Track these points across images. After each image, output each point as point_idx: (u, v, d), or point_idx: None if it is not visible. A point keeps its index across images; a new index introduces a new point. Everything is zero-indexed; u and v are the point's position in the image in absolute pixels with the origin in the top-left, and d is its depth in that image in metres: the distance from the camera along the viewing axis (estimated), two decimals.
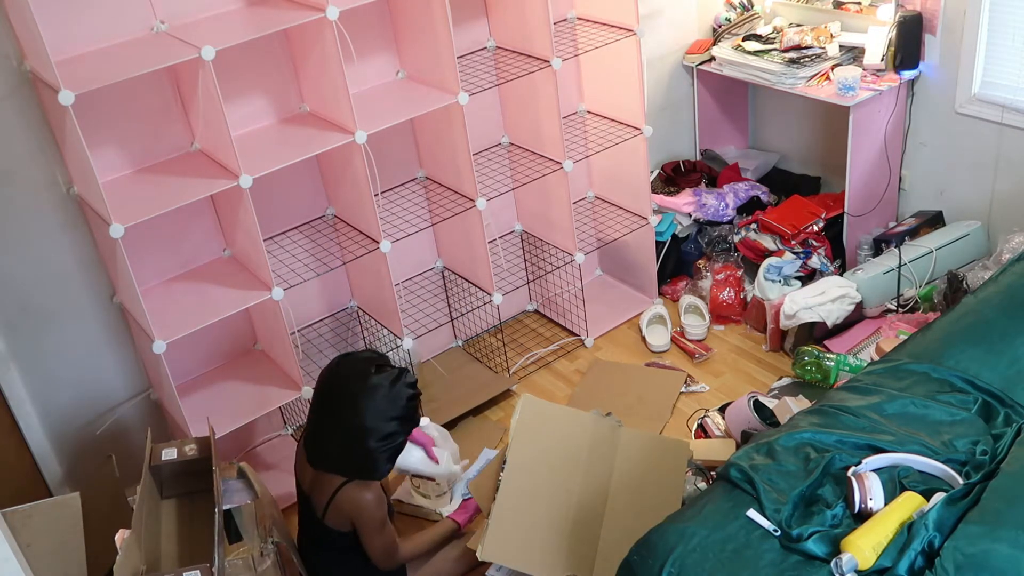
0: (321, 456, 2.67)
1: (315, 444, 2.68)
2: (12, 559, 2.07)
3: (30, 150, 2.89)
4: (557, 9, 3.71)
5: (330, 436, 2.64)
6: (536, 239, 4.02)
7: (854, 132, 3.74)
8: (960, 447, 2.42)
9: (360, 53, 3.26)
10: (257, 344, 3.56)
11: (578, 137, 3.94)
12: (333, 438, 2.63)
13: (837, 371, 3.42)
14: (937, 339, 2.81)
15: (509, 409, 3.71)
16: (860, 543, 2.11)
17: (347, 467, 2.65)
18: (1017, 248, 3.51)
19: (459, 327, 4.07)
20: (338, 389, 2.63)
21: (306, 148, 3.07)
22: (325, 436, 2.65)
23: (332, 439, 2.64)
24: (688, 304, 4.03)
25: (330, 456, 2.65)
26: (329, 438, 2.64)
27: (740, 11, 4.21)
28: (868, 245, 4.01)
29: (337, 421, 2.62)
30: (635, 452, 3.00)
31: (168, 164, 3.10)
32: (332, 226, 3.52)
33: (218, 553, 2.39)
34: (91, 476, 3.23)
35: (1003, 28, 3.53)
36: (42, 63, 2.62)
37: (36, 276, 3.02)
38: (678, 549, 2.21)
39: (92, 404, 3.27)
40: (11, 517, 2.40)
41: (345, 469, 2.65)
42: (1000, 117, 3.62)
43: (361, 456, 2.62)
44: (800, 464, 2.40)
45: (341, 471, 2.65)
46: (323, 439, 2.66)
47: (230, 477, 2.78)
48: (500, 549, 2.71)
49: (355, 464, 2.64)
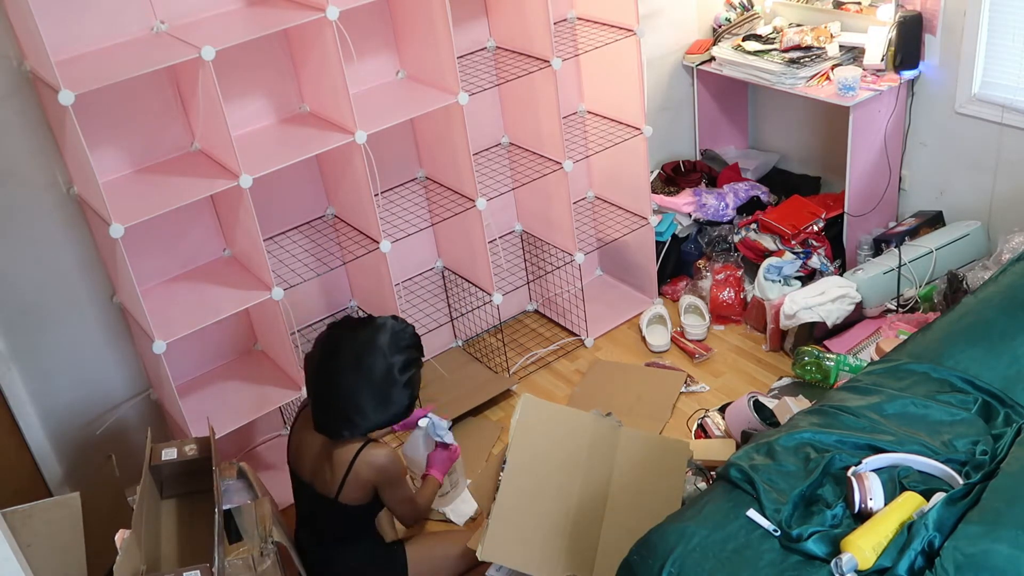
0: (349, 420, 2.63)
1: (339, 411, 2.64)
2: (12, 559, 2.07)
3: (30, 150, 2.89)
4: (557, 9, 3.71)
5: (356, 390, 2.62)
6: (536, 239, 4.02)
7: (854, 132, 3.74)
8: (960, 447, 2.42)
9: (360, 53, 3.26)
10: (257, 344, 3.56)
11: (578, 137, 3.94)
12: (361, 390, 2.62)
13: (837, 371, 3.42)
14: (937, 339, 2.81)
15: (509, 409, 3.72)
16: (860, 543, 2.11)
17: (381, 413, 2.64)
18: (1017, 248, 3.51)
19: (459, 327, 4.07)
20: (349, 343, 2.65)
21: (306, 148, 3.08)
22: (350, 394, 2.62)
23: (360, 391, 2.62)
24: (688, 304, 4.03)
25: (363, 411, 2.63)
26: (356, 392, 2.62)
27: (740, 11, 4.21)
28: (868, 245, 4.01)
29: (360, 371, 2.62)
30: (635, 452, 3.00)
31: (168, 164, 3.10)
32: (332, 226, 3.52)
33: (218, 553, 2.39)
34: (91, 476, 3.24)
35: (1003, 28, 3.53)
36: (42, 63, 2.62)
37: (36, 276, 3.02)
38: (678, 549, 2.22)
39: (92, 404, 3.27)
40: (11, 517, 2.40)
41: (380, 416, 2.65)
42: (1000, 117, 3.62)
43: (393, 395, 2.64)
44: (800, 464, 2.40)
45: (375, 421, 2.65)
46: (348, 398, 2.62)
47: (230, 477, 2.78)
48: (500, 549, 2.71)
49: (390, 406, 2.65)
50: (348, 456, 2.67)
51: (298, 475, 2.81)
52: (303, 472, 2.78)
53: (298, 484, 2.83)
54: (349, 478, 2.67)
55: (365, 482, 2.69)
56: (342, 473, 2.67)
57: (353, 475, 2.67)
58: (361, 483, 2.68)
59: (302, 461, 2.78)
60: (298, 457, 2.79)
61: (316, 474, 2.74)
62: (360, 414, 2.63)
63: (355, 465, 2.66)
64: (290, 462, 2.84)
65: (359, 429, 2.65)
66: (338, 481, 2.68)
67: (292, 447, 2.82)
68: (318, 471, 2.73)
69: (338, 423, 2.65)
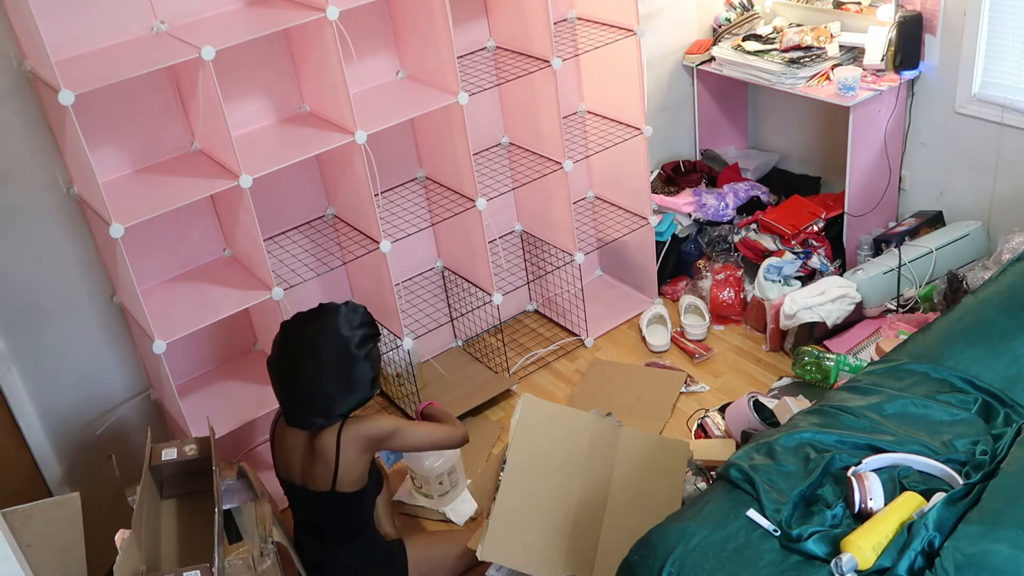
0: (318, 407, 2.64)
1: (306, 401, 2.65)
2: (12, 559, 2.07)
3: (30, 150, 2.89)
4: (557, 9, 3.71)
5: (319, 376, 2.63)
6: (536, 239, 4.02)
7: (854, 132, 3.74)
8: (960, 447, 2.42)
9: (360, 53, 3.26)
10: (257, 344, 3.56)
11: (578, 137, 3.94)
12: (323, 375, 2.63)
13: (837, 371, 3.42)
14: (937, 339, 2.81)
15: (509, 409, 3.71)
16: (860, 543, 2.11)
17: (348, 393, 2.66)
18: (1017, 248, 3.51)
19: (459, 327, 4.07)
20: (302, 334, 2.68)
21: (306, 148, 3.08)
22: (314, 381, 2.64)
23: (322, 376, 2.63)
24: (688, 304, 4.03)
25: (330, 395, 2.64)
26: (319, 378, 2.63)
27: (740, 11, 4.21)
28: (868, 245, 4.01)
29: (318, 356, 2.64)
30: (635, 452, 3.00)
31: (168, 164, 3.10)
32: (332, 226, 3.52)
33: (218, 553, 2.40)
34: (91, 476, 3.24)
35: (1003, 28, 3.53)
36: (42, 63, 2.62)
37: (36, 276, 3.02)
38: (678, 549, 2.22)
39: (92, 404, 3.27)
40: (11, 517, 2.40)
41: (348, 397, 2.66)
42: (1000, 117, 3.62)
43: (356, 372, 2.66)
44: (800, 464, 2.40)
45: (346, 403, 2.66)
46: (314, 386, 2.64)
47: (230, 477, 2.79)
48: (500, 549, 2.71)
49: (355, 384, 2.66)
50: (332, 441, 2.68)
51: (289, 481, 2.80)
52: (294, 476, 2.77)
53: (291, 490, 2.82)
54: (341, 460, 2.67)
55: (357, 459, 2.70)
56: (333, 458, 2.67)
57: (343, 455, 2.67)
58: (355, 460, 2.69)
59: (291, 466, 2.77)
60: (286, 463, 2.78)
61: (307, 473, 2.73)
62: (329, 399, 2.65)
63: (341, 445, 2.67)
64: (278, 472, 2.83)
65: (332, 414, 2.66)
66: (331, 469, 2.68)
67: (277, 457, 2.81)
68: (308, 469, 2.73)
69: (309, 413, 2.66)
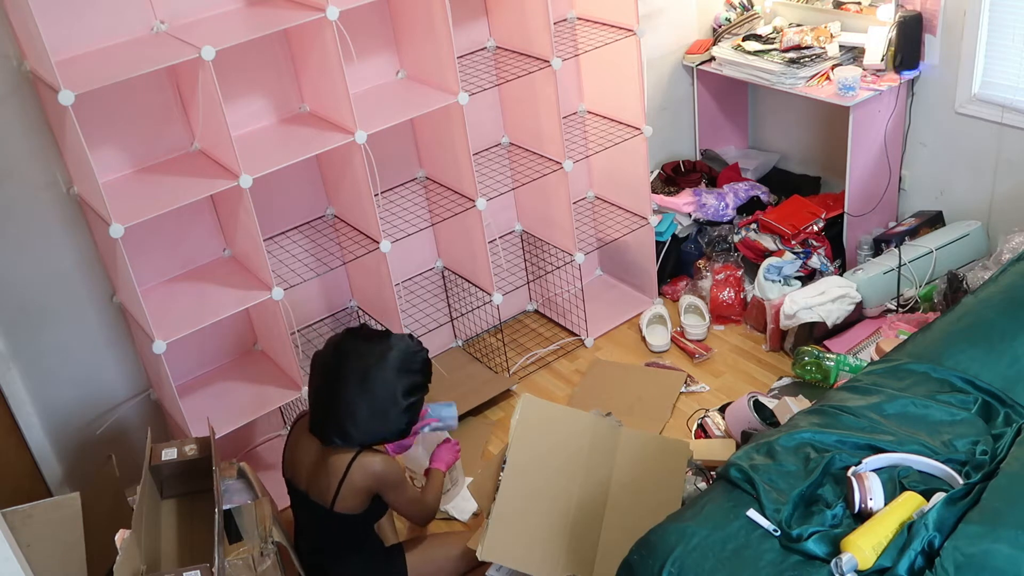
0: (343, 429, 2.63)
1: (335, 418, 2.64)
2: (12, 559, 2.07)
3: (30, 150, 2.89)
4: (557, 9, 3.71)
5: (356, 401, 2.61)
6: (536, 239, 4.02)
7: (854, 132, 3.74)
8: (960, 447, 2.42)
9: (360, 53, 3.26)
10: (257, 344, 3.56)
11: (578, 137, 3.94)
12: (361, 403, 2.61)
13: (837, 371, 3.42)
14: (937, 339, 2.81)
15: (509, 409, 3.72)
16: (860, 543, 2.11)
17: (375, 429, 2.64)
18: (1017, 248, 3.51)
19: (459, 327, 4.07)
20: (361, 352, 2.65)
21: (306, 148, 3.07)
22: (349, 403, 2.62)
23: (359, 404, 2.61)
24: (688, 304, 4.03)
25: (358, 424, 2.62)
26: (355, 404, 2.61)
27: (740, 11, 4.21)
28: (868, 245, 4.01)
29: (364, 383, 2.62)
30: (635, 452, 3.00)
31: (168, 164, 3.10)
32: (332, 226, 3.52)
33: (218, 553, 2.39)
34: (91, 476, 3.24)
35: (1003, 28, 3.53)
36: (42, 63, 2.62)
37: (36, 276, 3.02)
38: (678, 549, 2.22)
39: (92, 404, 3.27)
40: (11, 517, 2.40)
41: (374, 433, 2.65)
42: (1000, 117, 3.62)
43: (391, 415, 2.64)
44: (800, 464, 2.40)
45: (369, 437, 2.65)
46: (347, 407, 2.62)
47: (230, 477, 2.78)
48: (500, 549, 2.71)
49: (386, 424, 2.65)
50: (343, 463, 2.65)
51: (294, 484, 2.79)
52: (299, 481, 2.77)
53: (294, 493, 2.82)
54: (344, 485, 2.65)
55: (361, 489, 2.67)
56: (337, 480, 2.65)
57: (348, 482, 2.65)
58: (357, 491, 2.67)
59: (298, 469, 2.76)
60: (294, 465, 2.78)
61: (312, 482, 2.72)
62: (354, 426, 2.63)
63: (350, 472, 2.64)
64: (285, 472, 2.82)
65: (350, 440, 2.64)
66: (333, 489, 2.66)
67: (287, 455, 2.81)
68: (314, 478, 2.71)
69: (331, 429, 2.65)
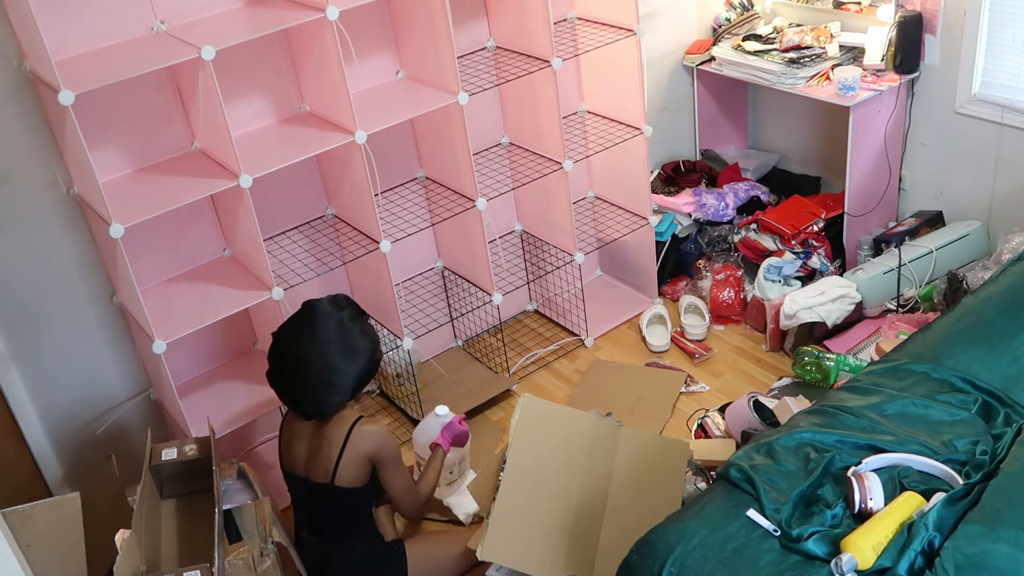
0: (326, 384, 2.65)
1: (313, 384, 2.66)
2: (12, 559, 2.07)
3: (30, 150, 2.89)
4: (557, 9, 3.71)
5: (321, 356, 2.65)
6: (536, 239, 4.02)
7: (854, 132, 3.74)
8: (960, 447, 2.42)
9: (360, 53, 3.26)
10: (257, 344, 3.56)
11: (578, 137, 3.94)
12: (324, 353, 2.65)
13: (837, 371, 3.42)
14: (937, 339, 2.81)
15: (509, 409, 3.71)
16: (860, 543, 2.11)
17: (352, 364, 2.67)
18: (1017, 248, 3.50)
19: (459, 327, 4.07)
20: (294, 329, 2.71)
21: (306, 148, 3.08)
22: (317, 362, 2.65)
23: (324, 355, 2.65)
24: (688, 304, 4.03)
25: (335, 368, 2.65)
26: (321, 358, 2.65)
27: (740, 11, 4.21)
28: (868, 245, 4.01)
29: (315, 339, 2.66)
30: (635, 452, 3.00)
31: (168, 164, 3.10)
32: (332, 226, 3.52)
33: (218, 553, 2.40)
34: (91, 476, 3.24)
35: (1003, 28, 3.53)
36: (42, 63, 2.62)
37: (36, 276, 3.02)
38: (678, 549, 2.22)
39: (92, 404, 3.27)
40: (11, 517, 2.40)
41: (352, 369, 2.67)
42: (1000, 117, 3.62)
43: (356, 344, 2.69)
44: (800, 464, 2.40)
45: (351, 376, 2.67)
46: (318, 366, 2.65)
47: (230, 477, 2.79)
48: (500, 549, 2.71)
49: (357, 354, 2.68)
50: (342, 431, 2.70)
51: (292, 473, 2.81)
52: (297, 467, 2.79)
53: (293, 483, 2.84)
54: (345, 453, 2.69)
55: (361, 457, 2.71)
56: (338, 449, 2.69)
57: (349, 449, 2.69)
58: (357, 458, 2.71)
59: (295, 457, 2.79)
60: (291, 453, 2.80)
61: (310, 463, 2.75)
62: (335, 372, 2.66)
63: (350, 438, 2.69)
64: (283, 464, 2.84)
65: (343, 390, 2.68)
66: (334, 459, 2.69)
67: (283, 448, 2.84)
68: (312, 459, 2.74)
69: (320, 395, 2.67)
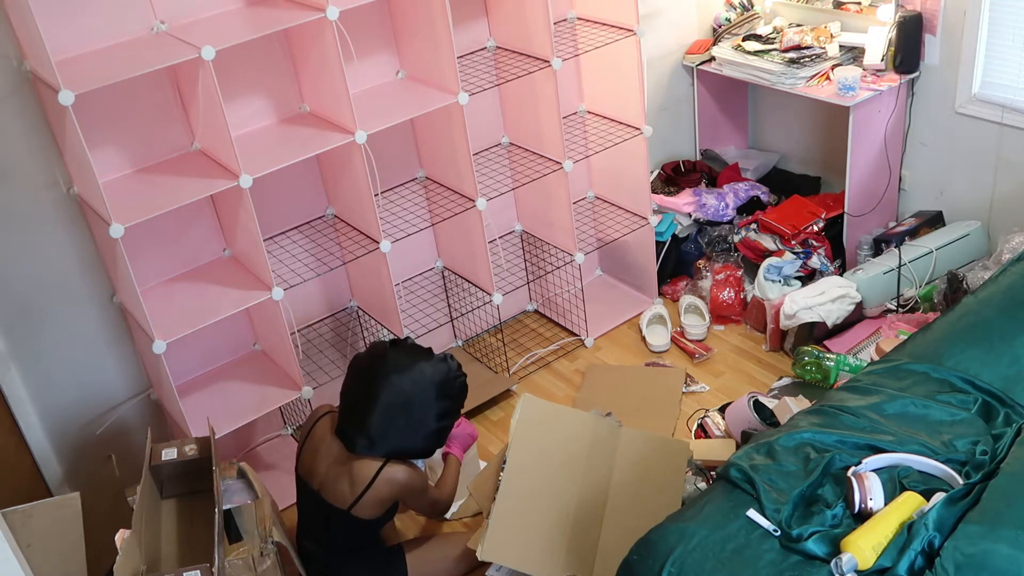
0: (370, 439, 2.65)
1: (364, 428, 2.66)
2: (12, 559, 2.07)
3: (30, 150, 2.89)
4: (557, 9, 3.71)
5: (389, 414, 2.65)
6: (536, 239, 4.02)
7: (854, 132, 3.74)
8: (960, 447, 2.42)
9: (360, 53, 3.26)
10: (257, 344, 3.56)
11: (578, 137, 3.94)
12: (393, 417, 2.65)
13: (837, 371, 3.42)
14: (937, 339, 2.81)
15: (509, 409, 3.71)
16: (860, 543, 2.12)
17: (404, 446, 2.69)
18: (1017, 248, 3.51)
19: (459, 327, 4.07)
20: (398, 369, 2.68)
21: (306, 148, 3.07)
22: (382, 417, 2.65)
23: (392, 417, 2.65)
24: (688, 304, 4.03)
25: (388, 437, 2.66)
26: (388, 418, 2.65)
27: (740, 11, 4.21)
28: (868, 245, 4.01)
29: (400, 400, 2.65)
30: (635, 452, 3.00)
31: (168, 164, 3.10)
32: (332, 226, 3.52)
33: (218, 553, 2.39)
34: (91, 476, 3.24)
35: (1003, 28, 3.53)
36: (42, 63, 2.62)
37: (36, 276, 3.02)
38: (678, 549, 2.22)
39: (92, 404, 3.27)
40: (11, 517, 2.40)
41: (401, 448, 2.68)
42: (1000, 117, 3.62)
43: (420, 434, 2.69)
44: (800, 464, 2.40)
45: (395, 451, 2.68)
46: (379, 421, 2.65)
47: (230, 477, 2.78)
48: (500, 549, 2.71)
49: (414, 442, 2.69)
50: (369, 473, 2.67)
51: (306, 483, 2.79)
52: (312, 480, 2.77)
53: (304, 490, 2.82)
54: (368, 495, 2.67)
55: (384, 500, 2.70)
56: (361, 489, 2.67)
57: (373, 492, 2.67)
58: (379, 500, 2.69)
59: (315, 468, 2.76)
60: (311, 464, 2.77)
61: (327, 483, 2.72)
62: (384, 438, 2.66)
63: (376, 483, 2.66)
64: (299, 468, 2.82)
65: (376, 450, 2.67)
66: (354, 495, 2.67)
67: (305, 453, 2.81)
68: (330, 481, 2.72)
69: (359, 437, 2.67)
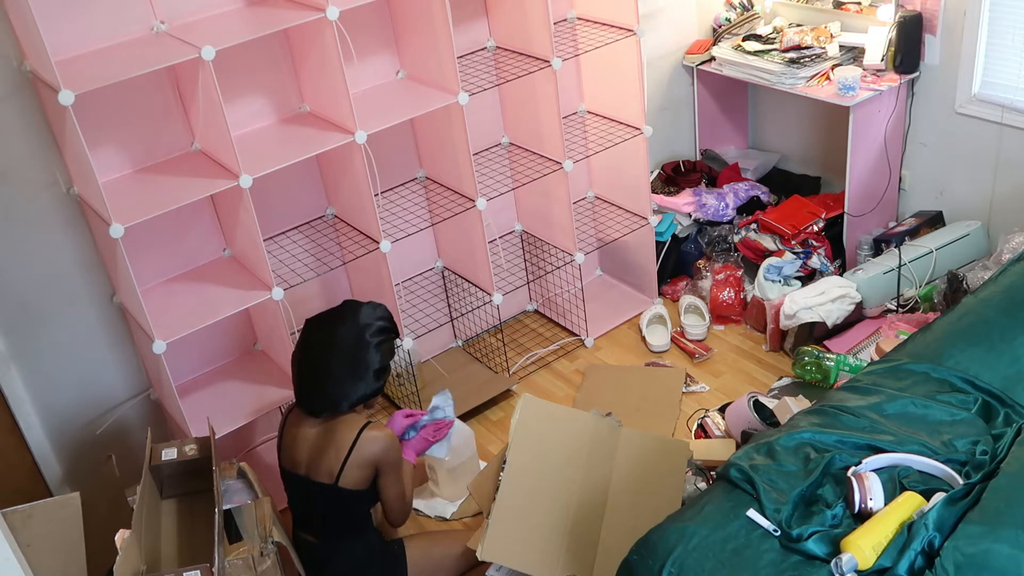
0: (325, 389, 2.74)
1: (319, 387, 2.75)
2: (12, 559, 2.07)
3: (30, 150, 2.89)
4: (557, 9, 3.71)
5: (331, 359, 2.74)
6: (536, 239, 4.02)
7: (854, 132, 3.74)
8: (960, 447, 2.42)
9: (360, 53, 3.26)
10: (257, 344, 3.56)
11: (578, 137, 3.94)
12: (333, 359, 2.74)
13: (837, 371, 3.42)
14: (937, 339, 2.81)
15: (509, 409, 3.71)
16: (860, 543, 2.11)
17: (352, 381, 2.74)
18: (1017, 248, 3.51)
19: (459, 327, 4.07)
20: (322, 320, 2.81)
21: (306, 148, 3.08)
22: (325, 365, 2.74)
23: (333, 360, 2.74)
24: (688, 304, 4.03)
25: (336, 379, 2.73)
26: (331, 361, 2.74)
27: (740, 11, 4.21)
28: (868, 245, 4.01)
29: (333, 342, 2.76)
30: (635, 452, 3.00)
31: (168, 164, 3.10)
32: (332, 226, 3.52)
33: (218, 553, 2.39)
34: (91, 476, 3.24)
35: (1003, 28, 3.53)
36: (42, 63, 2.62)
37: (36, 276, 3.02)
38: (678, 549, 2.22)
39: (92, 404, 3.27)
40: (11, 517, 2.40)
41: (350, 385, 2.74)
42: (1000, 117, 3.62)
43: (364, 359, 2.75)
44: (800, 464, 2.40)
45: (348, 391, 2.74)
46: (324, 370, 2.74)
47: (230, 477, 2.78)
48: (500, 549, 2.71)
49: (360, 372, 2.75)
50: (351, 435, 2.72)
51: (292, 472, 2.82)
52: (298, 467, 2.80)
53: (293, 482, 2.84)
54: (352, 456, 2.71)
55: (367, 461, 2.73)
56: (345, 452, 2.71)
57: (356, 452, 2.71)
58: (363, 462, 2.73)
59: (297, 455, 2.79)
60: (293, 453, 2.81)
61: (313, 463, 2.76)
62: (335, 382, 2.73)
63: (358, 442, 2.71)
64: (283, 463, 2.85)
65: (337, 401, 2.74)
66: (340, 461, 2.71)
67: (284, 447, 2.84)
68: (316, 459, 2.75)
69: (316, 397, 2.76)
